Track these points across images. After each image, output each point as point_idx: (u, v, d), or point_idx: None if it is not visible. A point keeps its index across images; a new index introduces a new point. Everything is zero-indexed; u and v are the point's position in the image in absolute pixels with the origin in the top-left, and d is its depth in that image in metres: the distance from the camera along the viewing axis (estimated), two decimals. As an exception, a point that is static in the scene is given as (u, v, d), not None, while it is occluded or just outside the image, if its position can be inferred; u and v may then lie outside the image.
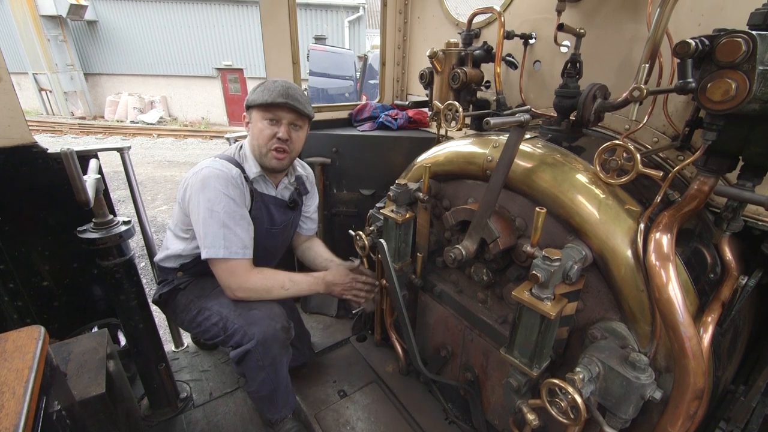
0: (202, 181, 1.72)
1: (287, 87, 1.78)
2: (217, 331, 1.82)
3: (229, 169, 1.77)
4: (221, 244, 1.71)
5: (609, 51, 1.71)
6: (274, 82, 1.80)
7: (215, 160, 1.81)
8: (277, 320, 1.79)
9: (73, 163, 1.38)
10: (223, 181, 1.72)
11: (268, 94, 1.74)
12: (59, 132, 14.30)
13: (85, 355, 1.74)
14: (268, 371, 1.81)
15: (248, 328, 1.74)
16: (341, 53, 10.48)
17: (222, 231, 1.71)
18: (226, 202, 1.71)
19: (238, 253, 1.74)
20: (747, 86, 0.99)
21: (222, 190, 1.71)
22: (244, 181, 1.83)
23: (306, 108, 1.82)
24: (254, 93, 1.79)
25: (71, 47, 16.69)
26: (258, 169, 1.88)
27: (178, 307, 1.95)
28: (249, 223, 1.82)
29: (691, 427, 1.10)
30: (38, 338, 1.24)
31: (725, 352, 1.28)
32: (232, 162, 1.82)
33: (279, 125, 1.80)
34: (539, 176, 1.38)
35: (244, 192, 1.82)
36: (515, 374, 1.38)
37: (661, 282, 1.07)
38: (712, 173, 1.22)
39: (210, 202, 1.70)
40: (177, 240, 1.94)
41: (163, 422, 2.13)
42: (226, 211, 1.71)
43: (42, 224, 2.12)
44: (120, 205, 7.80)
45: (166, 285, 1.98)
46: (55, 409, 1.26)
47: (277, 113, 1.78)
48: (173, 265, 1.96)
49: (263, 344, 1.74)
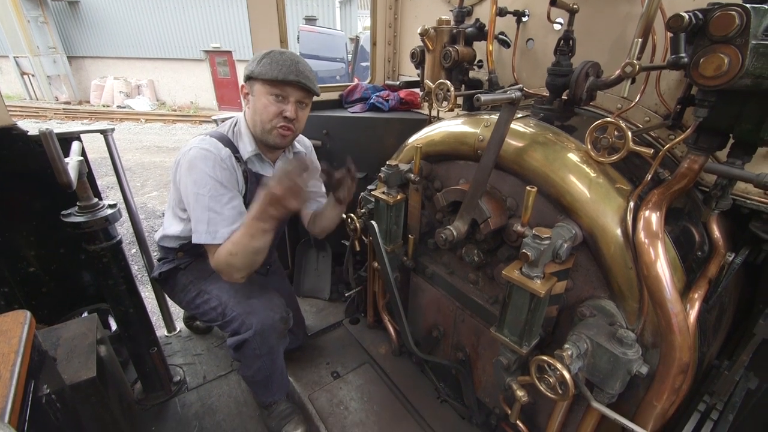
0: (189, 162, 1.63)
1: (297, 62, 1.66)
2: (215, 315, 1.81)
3: (217, 150, 1.67)
4: (205, 230, 1.63)
5: (603, 28, 1.68)
6: (282, 53, 1.66)
7: (204, 139, 1.70)
8: (276, 311, 1.78)
9: (53, 143, 1.34)
10: (210, 163, 1.63)
11: (278, 70, 1.61)
12: (44, 117, 13.95)
13: (75, 340, 1.73)
14: (265, 360, 1.81)
15: (246, 318, 1.72)
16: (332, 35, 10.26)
17: (207, 215, 1.62)
18: (212, 185, 1.62)
19: (224, 237, 1.64)
20: (740, 61, 0.97)
21: (208, 172, 1.62)
22: (235, 163, 1.73)
23: (315, 85, 1.72)
24: (260, 65, 1.64)
25: (53, 29, 16.16)
26: (253, 147, 1.77)
27: (177, 287, 1.93)
28: (241, 206, 1.71)
29: (676, 401, 1.13)
30: (24, 322, 1.22)
31: (711, 328, 1.30)
32: (223, 141, 1.72)
33: (286, 102, 1.69)
34: (530, 155, 1.37)
35: (235, 174, 1.72)
36: (505, 352, 1.39)
37: (650, 259, 1.08)
38: (702, 151, 1.22)
39: (196, 185, 1.62)
40: (175, 220, 1.86)
41: (157, 405, 2.14)
42: (211, 195, 1.62)
43: (27, 209, 2.08)
44: (109, 192, 7.68)
45: (166, 263, 1.94)
46: (45, 392, 1.25)
47: (286, 89, 1.66)
48: (173, 245, 1.91)
49: (261, 334, 1.73)
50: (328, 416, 2.06)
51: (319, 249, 3.04)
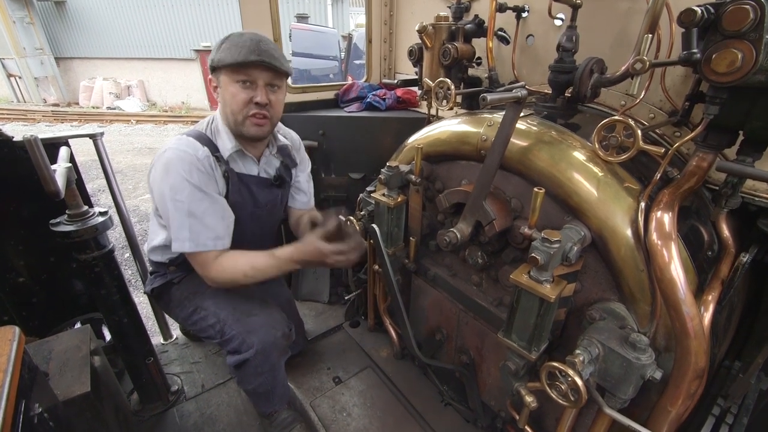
0: (165, 165, 1.52)
1: (258, 41, 1.51)
2: (213, 333, 1.74)
3: (195, 150, 1.55)
4: (187, 237, 1.55)
5: (605, 23, 1.64)
6: (241, 35, 1.52)
7: (180, 139, 1.58)
8: (277, 327, 1.73)
9: (39, 150, 1.28)
10: (186, 165, 1.52)
11: (237, 52, 1.48)
12: (32, 120, 13.68)
13: (68, 353, 1.67)
14: (266, 376, 1.77)
15: (247, 336, 1.66)
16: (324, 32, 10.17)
17: (188, 222, 1.54)
18: (190, 190, 1.52)
19: (207, 245, 1.58)
20: (753, 56, 0.95)
21: (185, 176, 1.51)
22: (214, 163, 1.61)
23: (284, 64, 1.57)
24: (219, 51, 1.51)
25: (39, 30, 15.84)
26: (233, 144, 1.65)
27: (172, 302, 1.86)
28: (224, 210, 1.64)
29: (690, 406, 1.10)
30: (13, 339, 1.16)
31: (721, 328, 1.28)
32: (201, 140, 1.60)
33: (255, 88, 1.56)
34: (536, 155, 1.33)
35: (214, 175, 1.61)
36: (513, 357, 1.36)
37: (664, 261, 1.05)
38: (711, 149, 1.19)
39: (173, 191, 1.52)
40: (159, 228, 1.78)
41: (155, 416, 2.09)
42: (191, 200, 1.53)
43: (14, 217, 2.01)
44: (100, 195, 7.56)
45: (158, 277, 1.86)
46: (36, 412, 1.20)
47: (251, 73, 1.53)
48: (162, 259, 1.83)
49: (263, 353, 1.68)
50: (330, 423, 2.02)
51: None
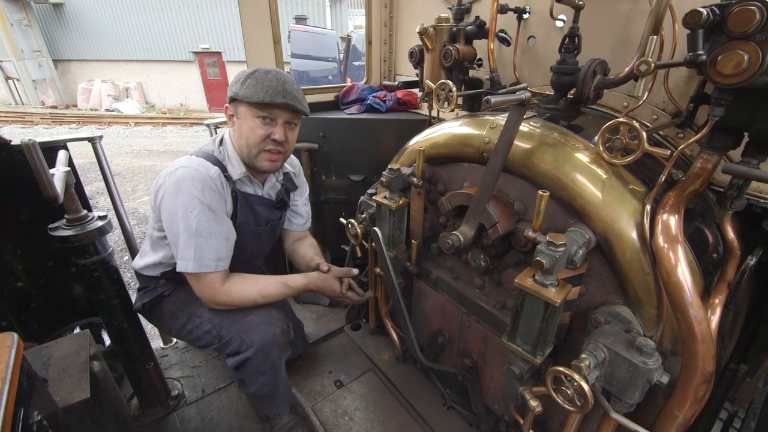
0: (177, 183, 1.53)
1: (284, 82, 1.57)
2: (210, 339, 1.73)
3: (206, 169, 1.57)
4: (191, 257, 1.56)
5: (607, 25, 1.64)
6: (267, 73, 1.57)
7: (191, 159, 1.61)
8: (276, 324, 1.72)
9: (37, 155, 1.26)
10: (199, 184, 1.54)
11: (264, 92, 1.53)
12: (30, 122, 13.66)
13: (67, 359, 1.65)
14: (268, 375, 1.75)
15: (245, 336, 1.66)
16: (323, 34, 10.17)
17: (194, 241, 1.55)
18: (200, 209, 1.54)
19: (209, 266, 1.59)
20: (760, 58, 0.94)
21: (197, 195, 1.53)
22: (224, 182, 1.64)
23: (304, 106, 1.65)
24: (244, 86, 1.55)
25: (37, 32, 15.85)
26: (243, 170, 1.69)
27: (164, 315, 1.83)
28: (229, 231, 1.66)
29: (698, 410, 1.09)
30: (11, 346, 1.14)
31: (727, 331, 1.27)
32: (211, 160, 1.63)
33: (274, 124, 1.62)
34: (539, 157, 1.32)
35: (224, 194, 1.64)
36: (517, 362, 1.35)
37: (670, 265, 1.04)
38: (716, 151, 1.19)
39: (183, 209, 1.53)
40: (156, 247, 1.77)
41: (155, 422, 2.07)
42: (199, 220, 1.54)
43: (13, 221, 1.99)
44: (99, 198, 7.53)
45: (148, 293, 1.84)
46: (36, 419, 1.18)
47: (273, 112, 1.59)
48: (154, 274, 1.81)
49: (263, 351, 1.67)
50: (332, 428, 2.00)
51: (317, 254, 2.97)
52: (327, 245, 2.95)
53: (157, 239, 1.74)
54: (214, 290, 1.64)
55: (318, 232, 2.97)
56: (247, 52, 2.33)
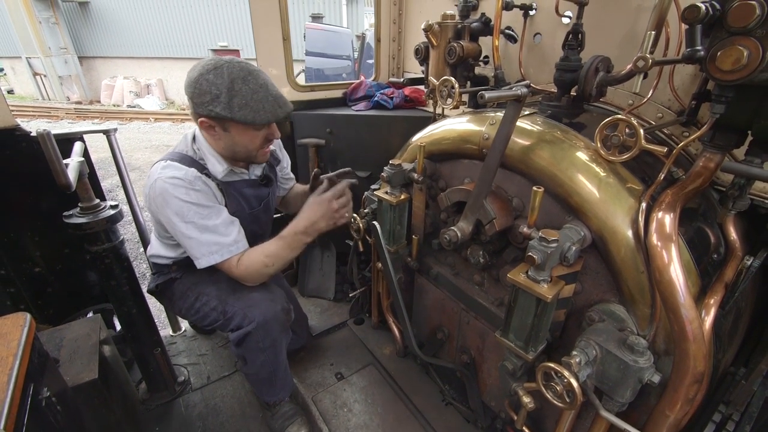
0: (161, 195, 1.57)
1: (275, 96, 1.57)
2: (216, 315, 1.79)
3: (184, 174, 1.58)
4: (209, 251, 1.63)
5: (613, 21, 1.62)
6: (255, 93, 1.52)
7: (167, 167, 1.60)
8: (277, 302, 1.77)
9: (51, 144, 1.33)
10: (182, 191, 1.56)
11: (263, 115, 1.54)
12: (55, 117, 14.12)
13: (78, 341, 1.73)
14: (268, 353, 1.80)
15: (248, 311, 1.71)
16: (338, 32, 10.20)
17: (205, 237, 1.61)
18: (195, 210, 1.59)
19: (231, 251, 1.66)
20: (760, 54, 0.92)
21: (185, 199, 1.57)
22: (206, 180, 1.66)
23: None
24: (233, 108, 1.50)
25: (63, 29, 16.34)
26: (225, 166, 1.70)
27: (175, 295, 1.91)
28: (230, 216, 1.71)
29: (690, 411, 1.08)
30: (24, 325, 1.21)
31: (726, 334, 1.25)
32: (185, 161, 1.64)
33: (269, 128, 1.68)
34: (537, 154, 1.32)
35: (211, 189, 1.67)
36: (510, 357, 1.35)
37: (663, 263, 1.03)
38: (718, 149, 1.17)
39: (179, 215, 1.58)
40: (164, 246, 1.85)
41: (161, 406, 2.14)
42: (199, 217, 1.60)
43: (31, 209, 2.08)
44: (119, 191, 7.76)
45: (161, 276, 1.92)
46: (45, 395, 1.25)
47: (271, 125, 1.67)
48: (166, 262, 1.90)
49: (264, 326, 1.72)
50: (331, 418, 2.04)
51: (323, 249, 3.01)
52: (333, 240, 2.98)
53: (164, 240, 1.83)
54: (234, 272, 1.70)
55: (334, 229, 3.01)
56: (257, 49, 2.38)
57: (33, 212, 2.09)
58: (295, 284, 3.08)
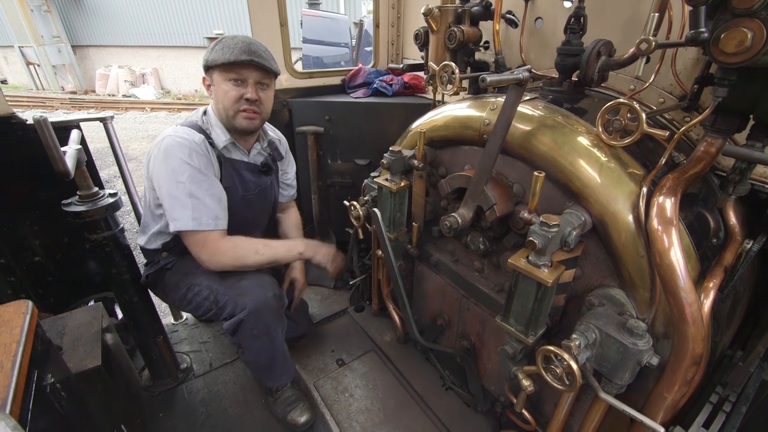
0: (165, 151, 1.63)
1: (249, 43, 1.65)
2: (208, 305, 1.80)
3: (191, 136, 1.67)
4: (189, 216, 1.63)
5: (615, 4, 1.59)
6: (234, 38, 1.66)
7: (177, 128, 1.71)
8: (268, 288, 1.78)
9: (48, 131, 1.31)
10: (186, 150, 1.63)
11: (229, 52, 1.62)
12: (50, 107, 13.97)
13: (80, 329, 1.73)
14: (263, 340, 1.81)
15: (239, 299, 1.72)
16: (336, 19, 10.04)
17: (190, 201, 1.63)
18: (191, 172, 1.63)
19: (208, 224, 1.66)
20: (764, 36, 0.91)
21: (185, 160, 1.62)
22: (209, 147, 1.73)
23: (272, 64, 1.72)
24: (213, 52, 1.66)
25: (56, 18, 16.06)
26: (227, 137, 1.78)
27: (167, 287, 1.92)
28: (221, 192, 1.74)
29: (687, 392, 1.10)
30: (26, 312, 1.21)
31: (724, 317, 1.26)
32: (195, 128, 1.73)
33: (245, 85, 1.70)
34: (538, 139, 1.31)
35: (210, 159, 1.73)
36: (511, 341, 1.36)
37: (663, 247, 1.03)
38: (720, 134, 1.16)
39: (174, 173, 1.61)
40: (153, 218, 1.85)
41: (165, 392, 2.16)
42: (192, 180, 1.63)
43: (30, 198, 2.07)
44: (117, 181, 7.71)
45: (152, 266, 1.93)
46: (49, 382, 1.26)
47: (242, 72, 1.67)
48: (156, 246, 1.89)
49: (255, 313, 1.73)
50: (333, 403, 2.07)
51: (323, 237, 3.02)
52: (332, 228, 2.99)
53: (155, 208, 1.81)
54: (210, 247, 1.70)
55: (323, 216, 3.01)
56: (254, 35, 2.34)
57: (31, 201, 2.08)
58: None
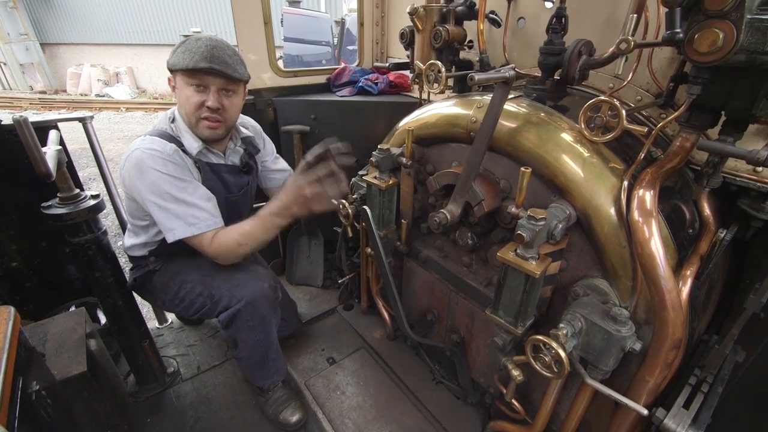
0: (137, 166, 1.56)
1: (212, 47, 1.55)
2: (203, 300, 1.78)
3: (162, 147, 1.60)
4: (182, 223, 1.60)
5: (594, 5, 1.65)
6: (197, 40, 1.56)
7: (145, 139, 1.63)
8: (263, 280, 1.77)
9: (28, 131, 1.28)
10: (159, 161, 1.57)
11: (189, 57, 1.52)
12: (18, 108, 13.39)
13: (63, 335, 1.69)
14: (258, 332, 1.80)
15: (235, 290, 1.71)
16: (317, 17, 9.99)
17: (180, 209, 1.59)
18: (171, 181, 1.58)
19: (209, 225, 1.64)
20: (734, 36, 0.96)
21: (161, 170, 1.56)
22: (183, 156, 1.66)
23: (236, 71, 1.62)
24: (174, 55, 1.56)
25: (23, 14, 15.40)
26: (199, 144, 1.70)
27: (156, 288, 1.88)
28: (207, 191, 1.69)
29: (668, 375, 1.15)
30: (8, 318, 1.18)
31: (701, 303, 1.33)
32: (165, 137, 1.65)
33: (207, 92, 1.60)
34: (524, 136, 1.35)
35: (188, 166, 1.67)
36: (500, 333, 1.40)
37: (644, 237, 1.08)
38: (694, 129, 1.22)
39: (155, 185, 1.56)
40: (138, 229, 1.81)
41: (152, 397, 2.12)
42: (175, 189, 1.58)
43: (4, 202, 2.00)
44: (92, 183, 7.47)
45: (139, 269, 1.89)
46: (34, 389, 1.23)
47: (204, 78, 1.57)
48: (142, 253, 1.85)
49: (252, 304, 1.72)
50: (325, 401, 2.07)
51: (311, 236, 3.01)
52: (320, 227, 2.98)
53: (138, 220, 1.77)
54: (205, 249, 1.67)
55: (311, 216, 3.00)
56: (238, 33, 2.32)
57: (6, 205, 2.00)
58: (283, 273, 3.07)
